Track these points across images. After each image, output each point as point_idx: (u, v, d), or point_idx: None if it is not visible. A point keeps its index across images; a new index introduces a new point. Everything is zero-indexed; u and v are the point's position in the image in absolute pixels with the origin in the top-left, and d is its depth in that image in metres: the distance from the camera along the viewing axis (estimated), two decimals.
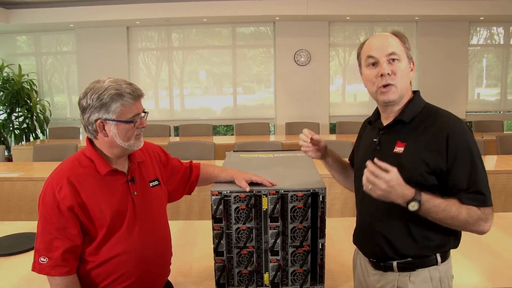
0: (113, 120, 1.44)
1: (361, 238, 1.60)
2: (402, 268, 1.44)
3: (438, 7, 6.96)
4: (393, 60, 1.41)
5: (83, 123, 1.49)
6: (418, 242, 1.41)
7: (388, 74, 1.40)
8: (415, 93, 1.50)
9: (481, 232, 1.36)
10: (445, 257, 1.44)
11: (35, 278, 1.84)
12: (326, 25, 7.72)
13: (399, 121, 1.46)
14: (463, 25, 7.78)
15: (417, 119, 1.43)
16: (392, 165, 1.36)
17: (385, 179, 1.27)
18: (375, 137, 1.52)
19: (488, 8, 6.99)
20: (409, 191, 1.30)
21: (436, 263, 1.42)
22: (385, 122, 1.51)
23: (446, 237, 1.42)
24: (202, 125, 6.77)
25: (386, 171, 1.28)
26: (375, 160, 1.30)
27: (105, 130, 1.46)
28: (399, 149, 1.42)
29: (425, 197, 1.31)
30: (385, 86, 1.42)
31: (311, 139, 1.68)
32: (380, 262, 1.49)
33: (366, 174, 1.30)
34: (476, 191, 1.34)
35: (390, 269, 1.46)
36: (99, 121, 1.44)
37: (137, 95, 1.47)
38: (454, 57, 7.87)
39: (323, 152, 1.73)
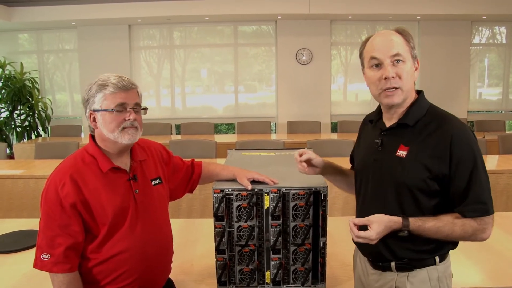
0: (99, 110, 1.46)
1: None
2: (400, 268, 1.43)
3: (440, 6, 6.95)
4: (398, 61, 1.36)
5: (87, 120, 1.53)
6: (416, 246, 1.40)
7: (393, 77, 1.35)
8: (419, 93, 1.45)
9: (480, 240, 1.37)
10: (443, 257, 1.43)
11: (37, 275, 1.84)
12: (328, 23, 7.71)
13: (402, 124, 1.42)
14: (465, 25, 7.77)
15: (422, 122, 1.39)
16: (394, 168, 1.39)
17: (370, 238, 1.33)
18: (377, 137, 1.49)
19: (490, 8, 6.97)
20: (396, 225, 1.35)
21: (434, 263, 1.41)
22: (388, 123, 1.47)
23: (445, 241, 1.40)
24: (204, 124, 6.76)
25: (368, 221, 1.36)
26: (352, 220, 1.38)
27: (95, 122, 1.49)
28: (402, 152, 1.39)
29: (414, 225, 1.34)
30: (389, 89, 1.38)
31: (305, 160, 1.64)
32: (379, 262, 1.48)
33: (355, 238, 1.37)
34: (476, 201, 1.32)
35: (389, 269, 1.45)
36: (90, 112, 1.49)
37: (121, 85, 1.46)
38: (456, 56, 7.86)
39: (321, 167, 1.67)
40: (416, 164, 1.35)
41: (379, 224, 1.34)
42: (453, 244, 1.45)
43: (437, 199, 1.37)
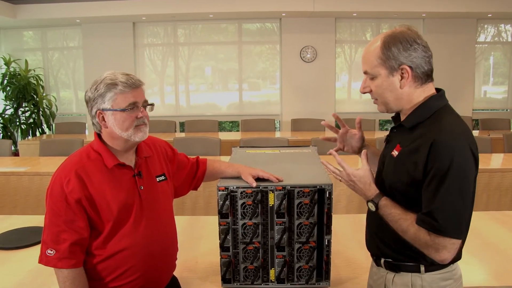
0: (109, 109, 1.46)
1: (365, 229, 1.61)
2: (388, 267, 1.44)
3: (445, 4, 6.92)
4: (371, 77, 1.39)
5: (91, 118, 1.52)
6: (395, 245, 1.39)
7: (364, 91, 1.41)
8: (438, 93, 1.38)
9: (435, 259, 1.29)
10: (431, 269, 1.37)
11: (42, 272, 1.86)
12: (332, 21, 7.69)
13: (402, 125, 1.42)
14: (470, 22, 7.73)
15: (420, 125, 1.34)
16: (387, 166, 1.42)
17: (347, 172, 1.42)
18: (389, 133, 1.53)
19: (496, 5, 6.94)
20: (370, 192, 1.40)
21: (418, 271, 1.37)
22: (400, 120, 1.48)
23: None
24: (208, 121, 6.77)
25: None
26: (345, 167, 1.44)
27: (105, 121, 1.48)
28: (395, 152, 1.39)
29: (384, 202, 1.36)
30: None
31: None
32: (373, 256, 1.52)
33: (337, 161, 1.45)
34: (429, 214, 1.24)
35: (380, 264, 1.47)
36: (98, 112, 1.48)
37: (131, 83, 1.46)
38: (461, 54, 7.82)
39: (361, 144, 1.72)
40: (401, 167, 1.34)
41: (363, 175, 1.42)
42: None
43: (416, 207, 1.30)
